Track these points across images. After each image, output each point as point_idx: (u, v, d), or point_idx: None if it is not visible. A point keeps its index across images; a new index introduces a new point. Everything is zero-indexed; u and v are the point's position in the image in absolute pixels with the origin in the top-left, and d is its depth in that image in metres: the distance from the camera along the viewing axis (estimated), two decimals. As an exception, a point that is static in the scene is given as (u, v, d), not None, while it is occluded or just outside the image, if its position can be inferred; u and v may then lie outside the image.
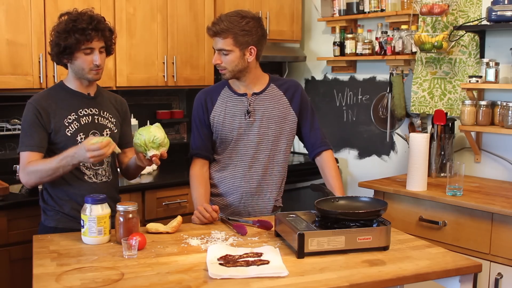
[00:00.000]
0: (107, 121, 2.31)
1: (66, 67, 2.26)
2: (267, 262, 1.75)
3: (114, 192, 2.33)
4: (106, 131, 2.29)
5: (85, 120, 2.25)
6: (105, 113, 2.31)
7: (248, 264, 1.72)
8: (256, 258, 1.78)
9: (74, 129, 2.22)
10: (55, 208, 2.22)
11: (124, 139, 2.39)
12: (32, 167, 2.11)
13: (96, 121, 2.28)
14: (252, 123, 2.37)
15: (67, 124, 2.21)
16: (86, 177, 2.24)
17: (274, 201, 2.44)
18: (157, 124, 2.11)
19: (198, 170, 2.42)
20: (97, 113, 2.29)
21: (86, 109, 2.26)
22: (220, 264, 1.72)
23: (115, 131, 2.34)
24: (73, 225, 2.15)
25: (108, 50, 2.28)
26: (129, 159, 2.35)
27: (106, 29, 2.21)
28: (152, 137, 2.05)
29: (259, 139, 2.37)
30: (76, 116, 2.23)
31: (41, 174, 2.10)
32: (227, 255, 1.80)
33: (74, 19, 2.14)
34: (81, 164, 2.19)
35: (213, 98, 2.41)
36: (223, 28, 2.24)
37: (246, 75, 2.35)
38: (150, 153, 2.06)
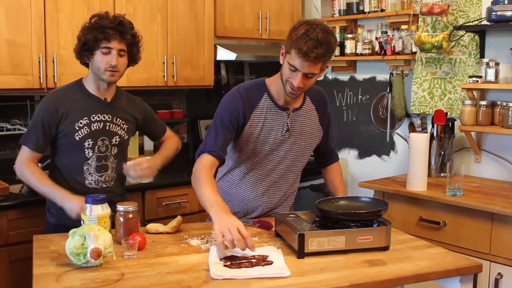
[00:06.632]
0: (119, 127, 2.35)
1: (88, 66, 2.29)
2: (271, 263, 1.74)
3: (115, 196, 2.32)
4: (116, 138, 2.34)
5: (96, 126, 2.28)
6: (118, 119, 2.35)
7: (252, 265, 1.72)
8: (261, 259, 1.77)
9: (83, 134, 2.26)
10: (56, 205, 2.21)
11: (154, 133, 2.59)
12: (26, 174, 2.23)
13: (107, 128, 2.31)
14: (286, 139, 2.21)
15: (77, 128, 2.25)
16: (87, 182, 2.30)
17: (290, 207, 2.42)
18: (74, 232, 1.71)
19: (209, 167, 2.06)
20: (109, 119, 2.31)
21: (99, 115, 2.29)
22: (225, 265, 1.71)
23: (125, 138, 2.39)
24: (73, 223, 2.09)
25: (132, 57, 2.31)
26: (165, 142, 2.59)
27: (128, 32, 2.23)
28: (76, 244, 1.70)
29: (288, 156, 2.23)
30: (88, 121, 2.27)
31: (31, 185, 2.26)
32: (232, 256, 1.79)
33: (99, 17, 2.22)
34: (85, 168, 2.27)
35: (252, 105, 2.16)
36: (323, 52, 1.96)
37: None
38: (89, 250, 1.69)
